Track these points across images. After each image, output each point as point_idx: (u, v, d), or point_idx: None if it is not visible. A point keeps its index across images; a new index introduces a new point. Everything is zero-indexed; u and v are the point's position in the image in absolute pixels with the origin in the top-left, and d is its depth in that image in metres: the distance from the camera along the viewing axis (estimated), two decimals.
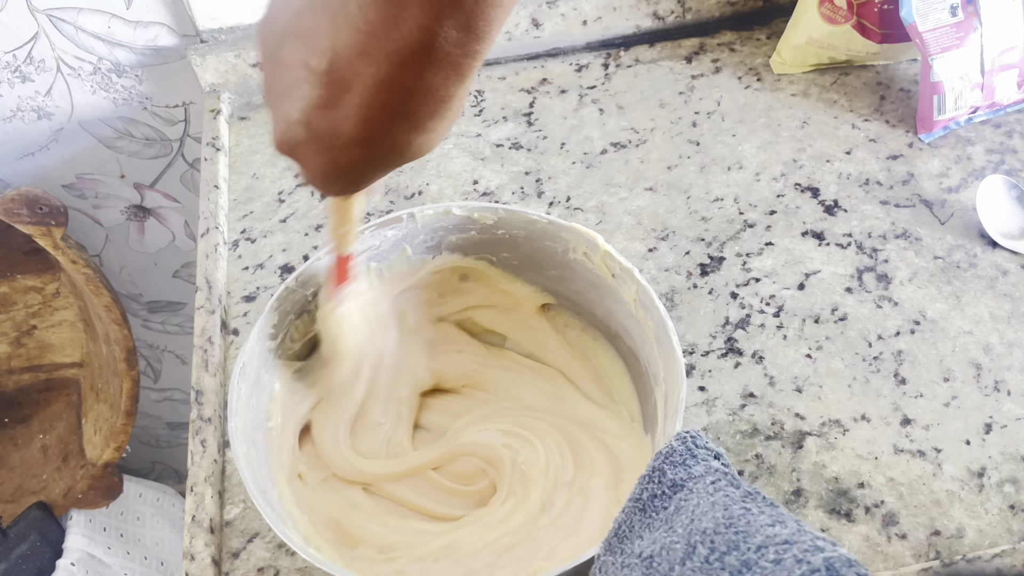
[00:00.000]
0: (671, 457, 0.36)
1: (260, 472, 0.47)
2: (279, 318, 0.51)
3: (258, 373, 0.50)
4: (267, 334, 0.50)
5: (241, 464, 0.44)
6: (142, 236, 0.96)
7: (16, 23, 0.73)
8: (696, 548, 0.31)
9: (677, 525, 0.33)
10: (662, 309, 0.48)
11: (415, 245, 0.55)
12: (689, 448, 0.36)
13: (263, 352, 0.50)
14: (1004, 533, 0.51)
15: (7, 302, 0.95)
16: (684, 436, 0.37)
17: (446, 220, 0.54)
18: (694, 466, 0.35)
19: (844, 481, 0.54)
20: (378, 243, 0.54)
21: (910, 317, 0.61)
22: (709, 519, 0.32)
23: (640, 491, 0.36)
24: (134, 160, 0.87)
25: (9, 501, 1.00)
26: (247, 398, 0.48)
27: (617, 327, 0.55)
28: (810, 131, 0.74)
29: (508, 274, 0.57)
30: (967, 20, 0.69)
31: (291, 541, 0.42)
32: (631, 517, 0.36)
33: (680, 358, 0.47)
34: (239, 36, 0.77)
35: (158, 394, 1.17)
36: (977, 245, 0.65)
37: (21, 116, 0.81)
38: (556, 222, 0.52)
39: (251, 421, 0.49)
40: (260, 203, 0.71)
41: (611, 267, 0.52)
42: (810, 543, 0.29)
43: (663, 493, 0.35)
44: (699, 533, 0.31)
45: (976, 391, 0.57)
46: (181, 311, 1.06)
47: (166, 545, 1.11)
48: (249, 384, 0.49)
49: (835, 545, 0.29)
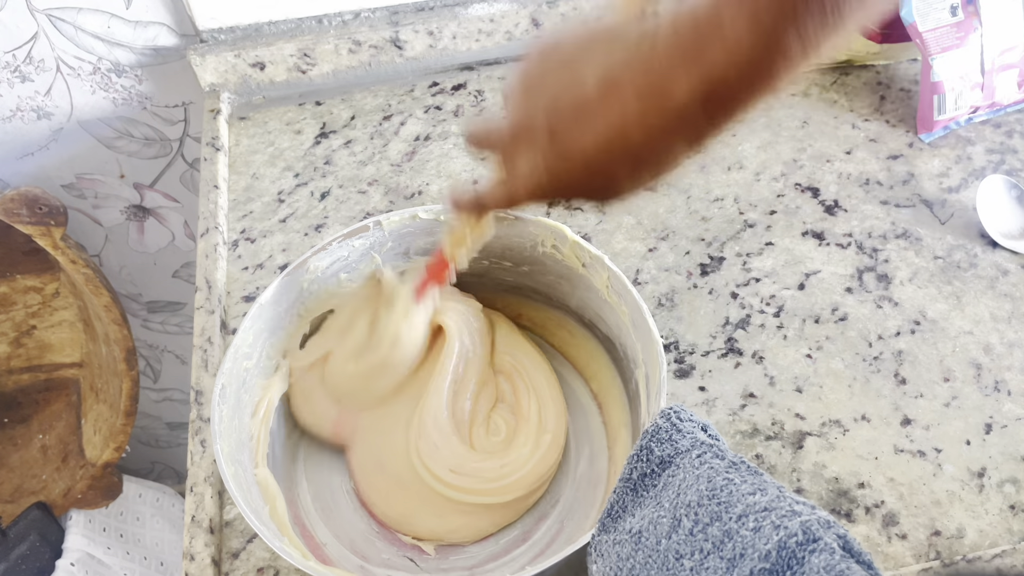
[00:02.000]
0: (657, 435, 0.36)
1: (250, 492, 0.47)
2: (252, 338, 0.51)
3: (238, 394, 0.50)
4: (243, 354, 0.50)
5: (230, 485, 0.44)
6: (142, 236, 0.96)
7: (16, 23, 0.73)
8: (681, 521, 0.32)
9: (664, 500, 0.33)
10: (635, 292, 0.49)
11: (383, 253, 0.55)
12: (674, 423, 0.36)
13: (240, 372, 0.50)
14: (1004, 533, 0.51)
15: (7, 302, 0.95)
16: (668, 412, 0.37)
17: (413, 225, 0.54)
18: (680, 441, 0.35)
19: (844, 481, 0.54)
20: (346, 253, 0.54)
21: (910, 317, 0.61)
22: (693, 492, 0.32)
23: (630, 471, 0.36)
24: (134, 160, 0.87)
25: (9, 501, 1.00)
26: (229, 419, 0.48)
27: (592, 316, 0.56)
28: (810, 131, 0.74)
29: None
30: (967, 20, 0.69)
31: (291, 557, 0.42)
32: (623, 497, 0.36)
33: (657, 338, 0.47)
34: (239, 36, 0.77)
35: (158, 394, 1.17)
36: (977, 245, 0.65)
37: (21, 116, 0.81)
38: (523, 217, 0.52)
39: (235, 442, 0.48)
40: (260, 203, 0.71)
41: (581, 257, 0.52)
42: (787, 508, 0.29)
43: (652, 471, 0.35)
44: (684, 506, 0.32)
45: (976, 391, 0.57)
46: (181, 311, 1.06)
47: (166, 545, 1.10)
48: (230, 406, 0.48)
49: (814, 508, 0.29)
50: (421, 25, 0.77)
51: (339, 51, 0.78)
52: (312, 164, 0.74)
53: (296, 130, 0.77)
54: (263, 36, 0.77)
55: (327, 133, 0.76)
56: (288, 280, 0.52)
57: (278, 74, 0.78)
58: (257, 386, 0.52)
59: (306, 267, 0.52)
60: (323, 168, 0.74)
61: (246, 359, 0.50)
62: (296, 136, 0.76)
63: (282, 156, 0.75)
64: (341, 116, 0.78)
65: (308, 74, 0.79)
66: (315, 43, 0.77)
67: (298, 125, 0.77)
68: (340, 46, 0.77)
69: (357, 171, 0.73)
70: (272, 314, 0.52)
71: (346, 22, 0.78)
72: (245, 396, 0.51)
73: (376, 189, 0.72)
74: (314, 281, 0.54)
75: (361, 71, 0.80)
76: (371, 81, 0.80)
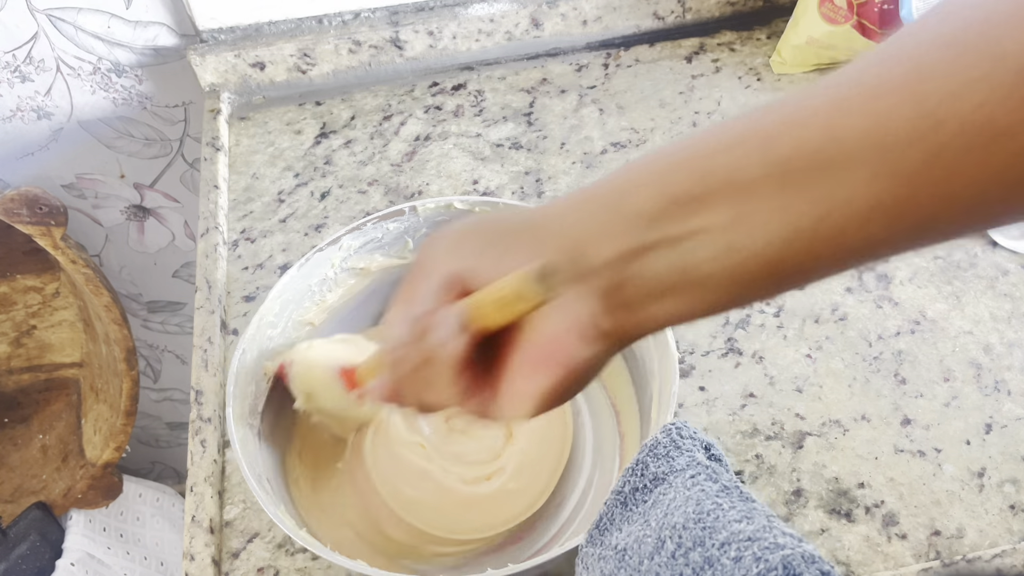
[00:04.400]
0: (655, 450, 0.36)
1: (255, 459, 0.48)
2: (279, 307, 0.53)
3: (258, 361, 0.51)
4: (267, 323, 0.52)
5: (237, 448, 0.46)
6: (142, 236, 0.96)
7: (16, 23, 0.73)
8: (665, 543, 0.31)
9: (652, 519, 0.33)
10: None
11: (417, 238, 0.57)
12: (673, 440, 0.36)
13: (263, 339, 0.52)
14: (1004, 533, 0.51)
15: (7, 302, 0.95)
16: (669, 428, 0.36)
17: (447, 213, 0.55)
18: (677, 458, 0.35)
19: (844, 481, 0.54)
20: (380, 235, 0.56)
21: (910, 317, 0.61)
22: (680, 514, 0.32)
23: (623, 484, 0.36)
24: (134, 160, 0.87)
25: (9, 501, 1.00)
26: (244, 385, 0.50)
27: None
28: None
29: None
30: None
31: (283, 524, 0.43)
32: (612, 510, 0.36)
33: (674, 351, 0.47)
34: (239, 36, 0.77)
35: (158, 394, 1.17)
36: (977, 245, 0.65)
37: (21, 116, 0.81)
38: None
39: (249, 407, 0.50)
40: (260, 203, 0.71)
41: None
42: (772, 541, 0.29)
43: (644, 487, 0.35)
44: (669, 528, 0.32)
45: (976, 391, 0.57)
46: (181, 311, 1.06)
47: (166, 545, 1.10)
48: (247, 371, 0.50)
49: (801, 541, 0.29)
50: (421, 25, 0.77)
51: (339, 51, 0.78)
52: (312, 164, 0.74)
53: (296, 130, 0.77)
54: (263, 36, 0.77)
55: (327, 133, 0.76)
56: (321, 256, 0.54)
57: (278, 74, 0.78)
58: (278, 355, 0.54)
59: (339, 244, 0.54)
60: (323, 168, 0.74)
61: (270, 327, 0.52)
62: (296, 136, 0.76)
63: (282, 156, 0.75)
64: (341, 116, 0.78)
65: (308, 74, 0.79)
66: (315, 43, 0.77)
67: (298, 125, 0.77)
68: (340, 46, 0.77)
69: (357, 171, 0.73)
70: (302, 286, 0.54)
71: (346, 22, 0.78)
72: (266, 363, 0.52)
73: (376, 189, 0.72)
74: (346, 259, 0.56)
75: (361, 71, 0.80)
76: (371, 81, 0.80)
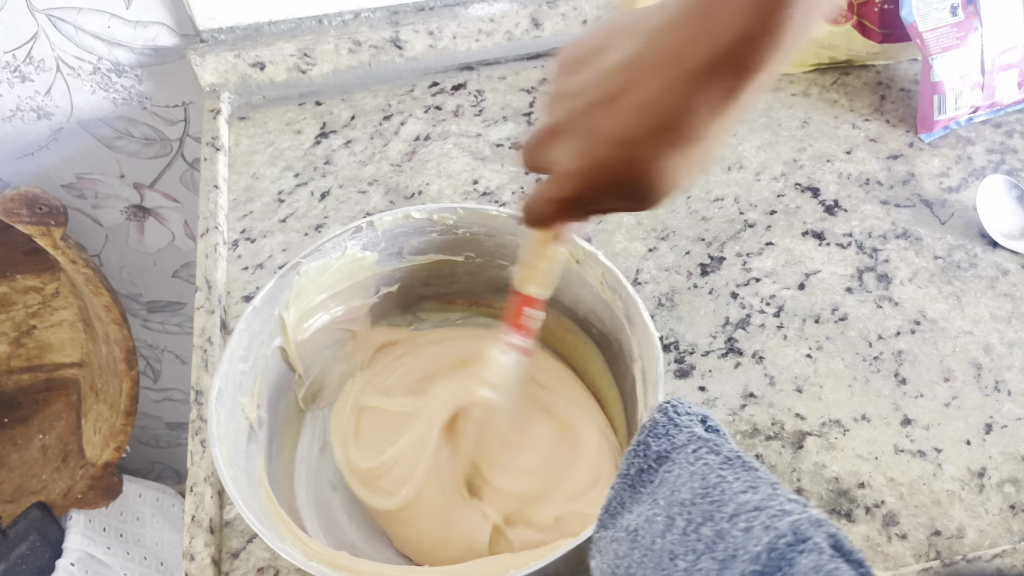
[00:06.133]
0: (654, 430, 0.36)
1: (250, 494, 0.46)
2: (248, 340, 0.51)
3: (234, 396, 0.49)
4: (238, 356, 0.50)
5: (230, 488, 0.44)
6: (142, 236, 0.96)
7: (16, 23, 0.73)
8: (675, 520, 0.31)
9: (660, 497, 0.33)
10: (629, 287, 0.49)
11: (380, 251, 0.55)
12: (671, 418, 0.36)
13: (236, 375, 0.50)
14: (1004, 533, 0.51)
15: (7, 302, 0.95)
16: (665, 406, 0.37)
17: (406, 225, 0.54)
18: (677, 435, 0.35)
19: (844, 481, 0.54)
20: (339, 255, 0.54)
21: (910, 317, 0.61)
22: (687, 490, 0.32)
23: (627, 466, 0.36)
24: (134, 160, 0.87)
25: (9, 501, 1.00)
26: (227, 422, 0.48)
27: (586, 312, 0.55)
28: (810, 131, 0.74)
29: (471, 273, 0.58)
30: (967, 20, 0.69)
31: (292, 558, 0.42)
32: (621, 493, 0.36)
33: (653, 332, 0.47)
34: (239, 36, 0.77)
35: (158, 394, 1.17)
36: (977, 245, 0.65)
37: (21, 116, 0.81)
38: (515, 215, 0.52)
39: (233, 445, 0.48)
40: (260, 203, 0.71)
41: (575, 253, 0.52)
42: (778, 507, 0.29)
43: (649, 467, 0.35)
44: (678, 504, 0.32)
45: (976, 391, 0.57)
46: (181, 311, 1.06)
47: (166, 545, 1.10)
48: (227, 409, 0.48)
49: (806, 506, 0.29)
50: (421, 25, 0.77)
51: (339, 51, 0.78)
52: (312, 164, 0.74)
53: (296, 130, 0.77)
54: (263, 36, 0.77)
55: (327, 133, 0.76)
56: (281, 282, 0.52)
57: (278, 74, 0.78)
58: (252, 389, 0.52)
59: (297, 269, 0.52)
60: (323, 168, 0.74)
61: (241, 361, 0.50)
62: (296, 136, 0.76)
63: (282, 156, 0.75)
64: (341, 116, 0.78)
65: (308, 74, 0.79)
66: (315, 43, 0.77)
67: (298, 125, 0.77)
68: (340, 46, 0.77)
69: (357, 171, 0.73)
70: (266, 316, 0.52)
71: (346, 22, 0.78)
72: (241, 399, 0.50)
73: (376, 189, 0.72)
74: (308, 283, 0.54)
75: (361, 71, 0.80)
76: (371, 81, 0.80)
